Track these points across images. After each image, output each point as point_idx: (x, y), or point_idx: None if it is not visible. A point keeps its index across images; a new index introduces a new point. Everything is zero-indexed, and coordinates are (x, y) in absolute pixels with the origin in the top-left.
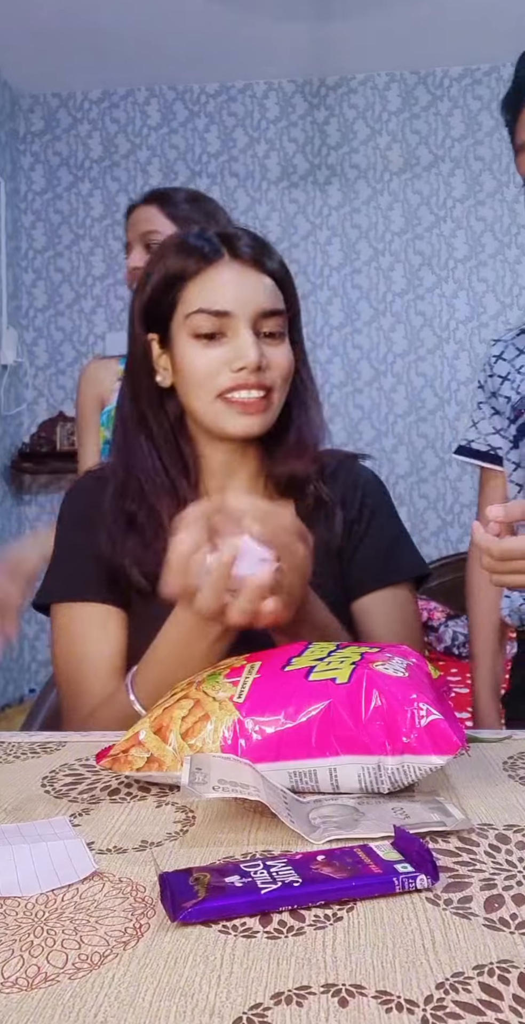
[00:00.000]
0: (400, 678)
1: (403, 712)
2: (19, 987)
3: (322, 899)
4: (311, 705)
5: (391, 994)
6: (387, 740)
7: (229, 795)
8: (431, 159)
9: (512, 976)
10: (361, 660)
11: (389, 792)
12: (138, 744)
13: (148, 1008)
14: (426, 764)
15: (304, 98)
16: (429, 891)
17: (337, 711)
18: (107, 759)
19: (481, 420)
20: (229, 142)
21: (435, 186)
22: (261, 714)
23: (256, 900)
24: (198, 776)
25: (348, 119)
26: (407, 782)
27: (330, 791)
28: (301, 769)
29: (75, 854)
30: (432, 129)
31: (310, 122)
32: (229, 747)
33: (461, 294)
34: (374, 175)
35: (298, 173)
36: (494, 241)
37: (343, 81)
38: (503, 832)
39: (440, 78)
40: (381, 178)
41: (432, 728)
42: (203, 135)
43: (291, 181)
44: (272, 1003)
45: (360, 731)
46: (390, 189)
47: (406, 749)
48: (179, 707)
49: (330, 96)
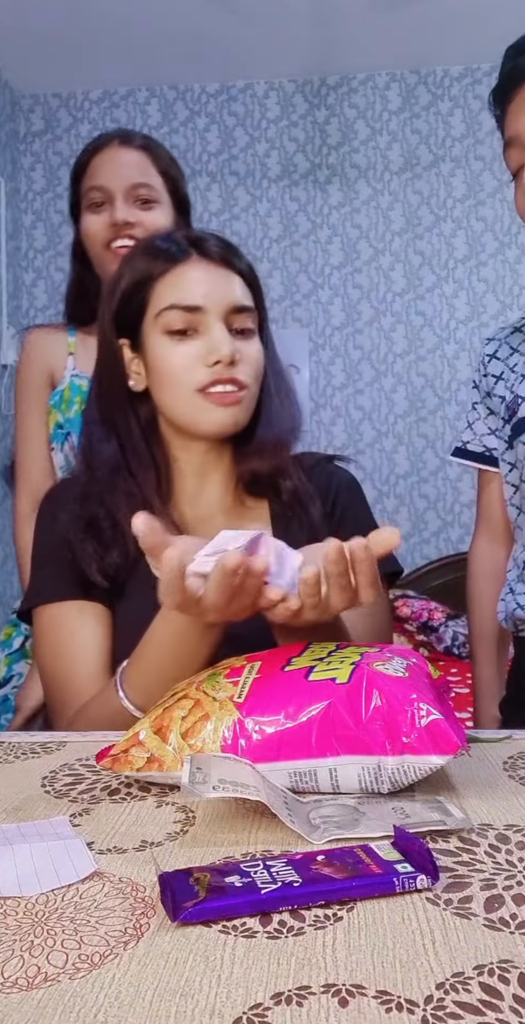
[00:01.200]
0: (400, 678)
1: (403, 712)
2: (19, 987)
3: (322, 899)
4: (311, 705)
5: (391, 994)
6: (387, 740)
7: (229, 795)
8: (431, 159)
9: (512, 976)
10: (361, 660)
11: (389, 792)
12: (138, 744)
13: (148, 1008)
14: (426, 764)
15: (304, 98)
16: (429, 891)
17: (337, 711)
18: (107, 759)
19: (476, 421)
20: (229, 141)
21: (435, 186)
22: (261, 714)
23: (256, 900)
24: (198, 776)
25: (348, 118)
26: (407, 782)
27: (330, 791)
28: (301, 769)
29: (75, 854)
30: (432, 129)
31: (310, 122)
32: (229, 747)
33: (461, 294)
34: (374, 175)
35: (299, 172)
36: (494, 241)
37: (344, 81)
38: (503, 832)
39: (440, 77)
40: (381, 177)
41: (432, 728)
42: (203, 134)
43: (292, 180)
44: (272, 1003)
45: (360, 731)
46: (390, 189)
47: (406, 749)
48: (179, 707)
49: (331, 96)
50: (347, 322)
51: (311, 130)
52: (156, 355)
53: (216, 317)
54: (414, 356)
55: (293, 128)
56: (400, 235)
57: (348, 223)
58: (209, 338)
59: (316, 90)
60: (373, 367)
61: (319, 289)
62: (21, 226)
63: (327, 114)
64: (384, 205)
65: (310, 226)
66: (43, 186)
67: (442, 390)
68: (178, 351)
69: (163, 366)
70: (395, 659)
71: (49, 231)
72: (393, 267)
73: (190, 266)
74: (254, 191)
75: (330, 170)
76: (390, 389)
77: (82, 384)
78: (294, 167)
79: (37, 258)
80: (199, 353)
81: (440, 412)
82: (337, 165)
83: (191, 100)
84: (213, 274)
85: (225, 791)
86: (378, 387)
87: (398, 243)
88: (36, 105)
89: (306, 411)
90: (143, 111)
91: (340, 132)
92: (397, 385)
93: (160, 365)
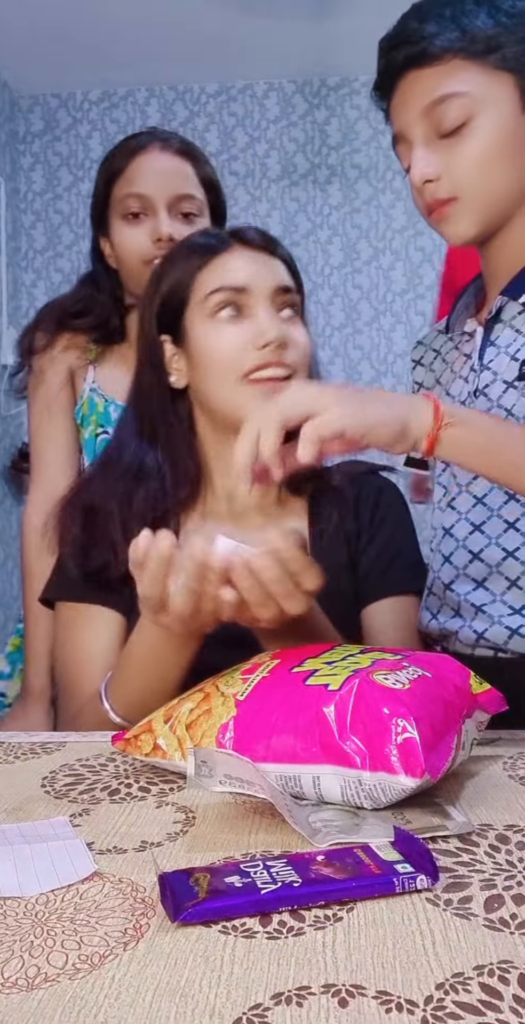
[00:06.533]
0: (395, 690)
1: (384, 727)
2: (19, 987)
3: (322, 899)
4: (301, 710)
5: (391, 994)
6: (366, 754)
7: (236, 791)
8: None
9: (512, 976)
10: (368, 667)
11: (372, 809)
12: (149, 731)
13: (148, 1008)
14: (397, 784)
15: (304, 98)
16: (429, 891)
17: (324, 719)
18: (121, 742)
19: None
20: (229, 141)
21: None
22: (255, 714)
23: (256, 900)
24: (204, 769)
25: (350, 119)
26: (385, 801)
27: (314, 799)
28: (287, 773)
29: (75, 854)
30: None
31: (310, 122)
32: (221, 743)
33: None
34: (375, 174)
35: (298, 172)
36: None
37: (345, 82)
38: (503, 832)
39: None
40: (383, 177)
41: (405, 747)
42: (203, 135)
43: (291, 180)
44: (272, 1003)
45: (342, 741)
46: (393, 187)
47: (380, 766)
48: (191, 699)
49: (331, 96)
50: (347, 322)
51: (311, 130)
52: (201, 342)
53: (262, 299)
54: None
55: (293, 128)
56: (401, 233)
57: (348, 223)
58: (257, 321)
59: (316, 90)
60: (373, 367)
61: (319, 289)
62: (21, 226)
63: (327, 114)
64: (386, 204)
65: (310, 226)
66: (43, 186)
67: None
68: (225, 334)
69: (210, 352)
70: (409, 668)
71: (49, 231)
72: (393, 266)
73: (233, 254)
74: (254, 191)
75: (330, 170)
76: (390, 389)
77: (98, 402)
78: (294, 167)
79: (37, 258)
80: (247, 335)
81: None
82: (337, 165)
83: (191, 100)
84: (256, 259)
85: (231, 786)
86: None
87: (399, 241)
88: (36, 105)
89: None
90: (143, 111)
91: (341, 132)
92: (397, 385)
93: (207, 351)
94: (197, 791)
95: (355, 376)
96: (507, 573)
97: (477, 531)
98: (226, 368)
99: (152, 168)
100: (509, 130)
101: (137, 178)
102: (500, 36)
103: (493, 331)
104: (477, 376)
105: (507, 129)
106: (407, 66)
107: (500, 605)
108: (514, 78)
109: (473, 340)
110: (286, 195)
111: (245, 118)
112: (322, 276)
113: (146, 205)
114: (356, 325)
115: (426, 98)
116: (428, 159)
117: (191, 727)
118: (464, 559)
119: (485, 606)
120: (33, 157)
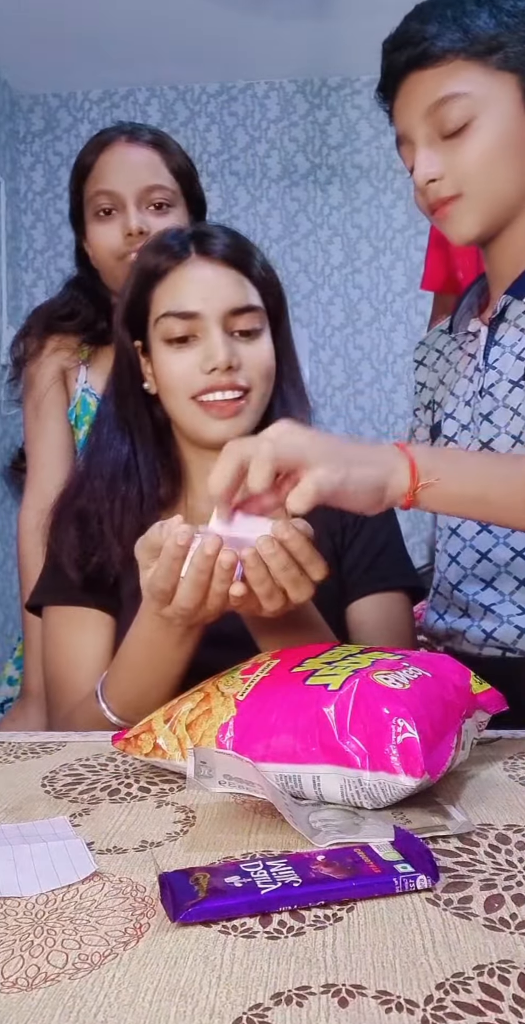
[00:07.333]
0: (395, 690)
1: (384, 727)
2: (19, 987)
3: (322, 899)
4: (300, 710)
5: (391, 994)
6: (366, 754)
7: (236, 791)
8: None
9: (512, 976)
10: (368, 667)
11: (372, 808)
12: (149, 731)
13: (148, 1008)
14: (397, 784)
15: (305, 98)
16: (429, 891)
17: (324, 719)
18: (121, 742)
19: (418, 427)
20: (229, 141)
21: None
22: (255, 715)
23: (256, 900)
24: (203, 769)
25: (351, 119)
26: (385, 800)
27: (314, 799)
28: (286, 773)
29: (75, 854)
30: None
31: (311, 122)
32: (221, 743)
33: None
34: (376, 174)
35: (299, 172)
36: None
37: (346, 82)
38: (503, 832)
39: None
40: (383, 177)
41: (405, 747)
42: (203, 135)
43: (292, 180)
44: (272, 1003)
45: (342, 741)
46: (394, 187)
47: (381, 766)
48: (191, 699)
49: (332, 96)
50: (347, 322)
51: (311, 130)
52: (157, 359)
53: (214, 322)
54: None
55: (293, 128)
56: (401, 233)
57: (348, 223)
58: (206, 344)
59: (316, 90)
60: (373, 367)
61: (319, 289)
62: (21, 226)
63: (328, 114)
64: (386, 204)
65: (310, 226)
66: (43, 186)
67: None
68: (176, 359)
69: (164, 374)
70: (409, 668)
71: (49, 231)
72: (394, 266)
73: (189, 267)
74: (254, 191)
75: (331, 170)
76: (390, 389)
77: (91, 402)
78: (294, 167)
79: (37, 258)
80: (196, 359)
81: None
82: (338, 165)
83: (191, 100)
84: (211, 275)
85: (231, 787)
86: (378, 387)
87: (400, 241)
88: (36, 105)
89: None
90: (143, 111)
91: (341, 133)
92: (397, 385)
93: (161, 369)
94: (197, 791)
95: (355, 376)
96: (516, 573)
97: (484, 531)
98: (177, 389)
99: (119, 162)
100: (511, 130)
101: (104, 174)
102: (502, 36)
103: (498, 330)
104: (482, 376)
105: (509, 129)
106: (409, 67)
107: (509, 605)
108: (516, 78)
109: (477, 340)
110: (286, 195)
111: (246, 118)
112: (322, 276)
113: (115, 201)
114: (356, 325)
115: (428, 99)
116: (431, 159)
117: (191, 727)
118: (471, 559)
119: (494, 606)
120: (33, 157)
